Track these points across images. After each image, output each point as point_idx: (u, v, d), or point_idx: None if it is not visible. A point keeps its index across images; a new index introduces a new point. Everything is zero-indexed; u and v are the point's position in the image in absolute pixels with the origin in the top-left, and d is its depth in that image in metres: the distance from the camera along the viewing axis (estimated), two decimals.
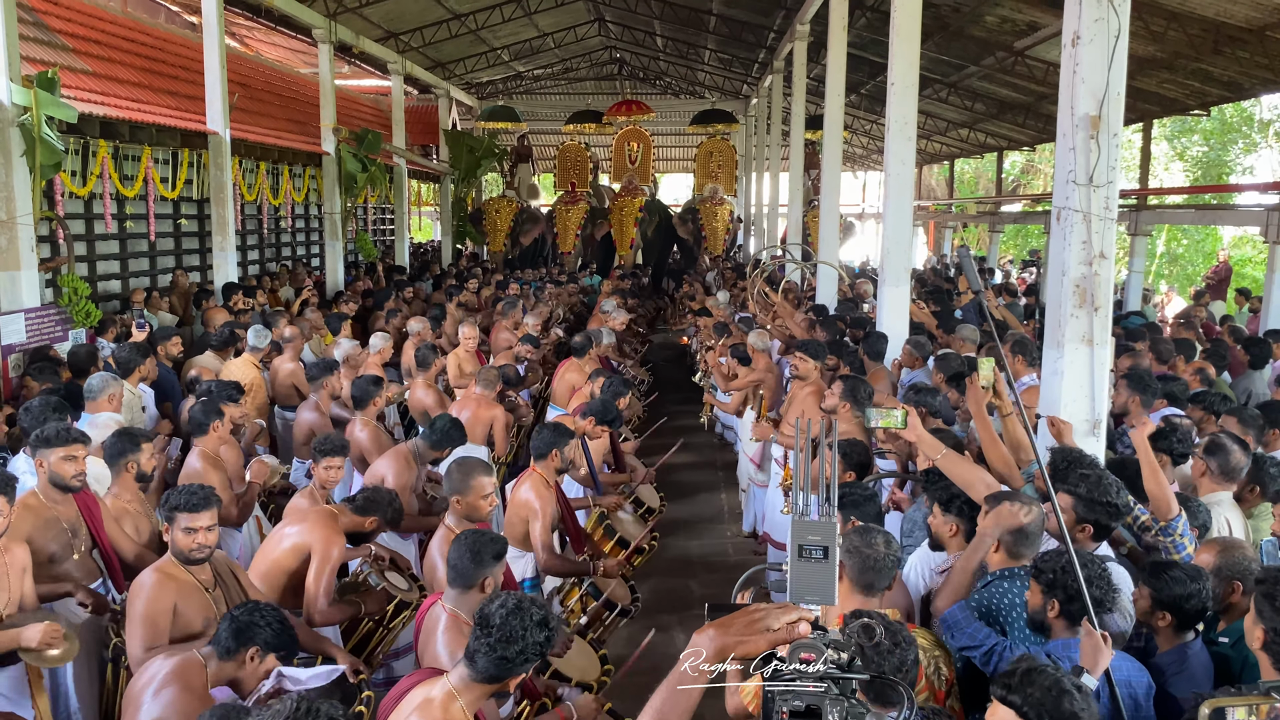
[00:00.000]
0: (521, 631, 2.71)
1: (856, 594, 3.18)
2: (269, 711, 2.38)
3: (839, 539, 1.70)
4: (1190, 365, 7.25)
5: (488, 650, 2.71)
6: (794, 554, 1.70)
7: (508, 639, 2.71)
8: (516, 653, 2.71)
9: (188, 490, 3.76)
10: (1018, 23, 13.49)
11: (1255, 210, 12.85)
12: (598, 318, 11.64)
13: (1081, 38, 4.51)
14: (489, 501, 4.44)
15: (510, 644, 2.70)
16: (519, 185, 23.81)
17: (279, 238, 17.54)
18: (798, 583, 1.69)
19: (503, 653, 2.70)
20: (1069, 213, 4.61)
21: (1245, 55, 11.48)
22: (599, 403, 6.28)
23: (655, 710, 1.65)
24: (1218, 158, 27.68)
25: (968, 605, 3.28)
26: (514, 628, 2.72)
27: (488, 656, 2.71)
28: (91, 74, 10.87)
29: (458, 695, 2.73)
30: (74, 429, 4.40)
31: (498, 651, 2.70)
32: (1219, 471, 4.25)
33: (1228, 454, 4.23)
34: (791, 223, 17.15)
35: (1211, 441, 4.32)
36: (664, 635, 6.38)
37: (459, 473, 4.44)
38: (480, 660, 2.71)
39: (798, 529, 1.71)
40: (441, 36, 19.77)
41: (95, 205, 11.19)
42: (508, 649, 2.70)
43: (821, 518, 1.72)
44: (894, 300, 8.54)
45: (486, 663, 2.71)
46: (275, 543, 4.45)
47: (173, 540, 3.72)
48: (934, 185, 33.11)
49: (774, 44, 19.70)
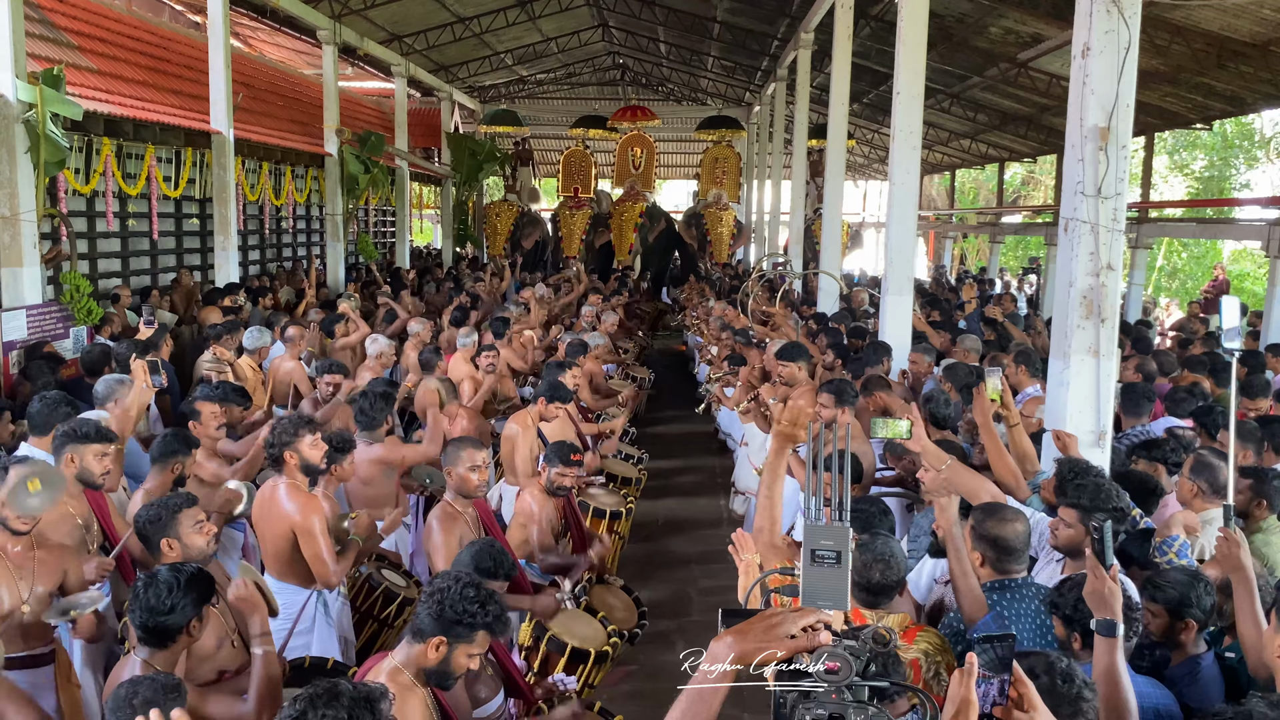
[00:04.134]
0: (457, 593, 2.92)
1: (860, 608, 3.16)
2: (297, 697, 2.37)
3: (851, 544, 1.69)
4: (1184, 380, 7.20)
5: (425, 607, 2.94)
6: (807, 558, 1.69)
7: (440, 595, 2.93)
8: (450, 608, 2.90)
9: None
10: (1021, 34, 13.53)
11: (1256, 225, 12.89)
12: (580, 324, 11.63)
13: (1091, 49, 4.52)
14: (478, 475, 4.58)
15: (443, 600, 2.91)
16: (520, 189, 23.82)
17: (280, 238, 17.54)
18: (810, 587, 1.68)
19: (437, 608, 2.91)
20: (1077, 224, 4.61)
21: (1248, 70, 11.52)
22: (546, 383, 6.46)
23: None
24: (1219, 172, 27.75)
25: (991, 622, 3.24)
26: (449, 587, 2.95)
27: (424, 610, 2.93)
28: (96, 72, 10.87)
29: (403, 669, 2.93)
30: (106, 427, 4.38)
31: (431, 604, 2.93)
32: (1208, 489, 4.24)
33: (1214, 471, 4.22)
34: (793, 231, 17.16)
35: (1196, 460, 4.31)
36: (663, 640, 6.39)
37: (451, 447, 4.64)
38: (420, 618, 2.95)
39: (810, 534, 1.70)
40: (445, 40, 19.79)
41: (98, 203, 11.17)
42: (443, 606, 2.90)
43: (835, 522, 1.71)
44: (897, 309, 8.53)
45: (423, 616, 2.93)
46: (266, 535, 4.48)
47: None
48: (935, 195, 33.15)
49: (778, 52, 19.73)
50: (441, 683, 3.02)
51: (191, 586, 3.08)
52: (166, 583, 3.04)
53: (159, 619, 3.01)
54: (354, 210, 16.59)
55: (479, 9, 18.95)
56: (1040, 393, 6.10)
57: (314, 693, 2.33)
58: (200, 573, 3.18)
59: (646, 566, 7.72)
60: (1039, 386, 6.28)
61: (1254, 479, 4.41)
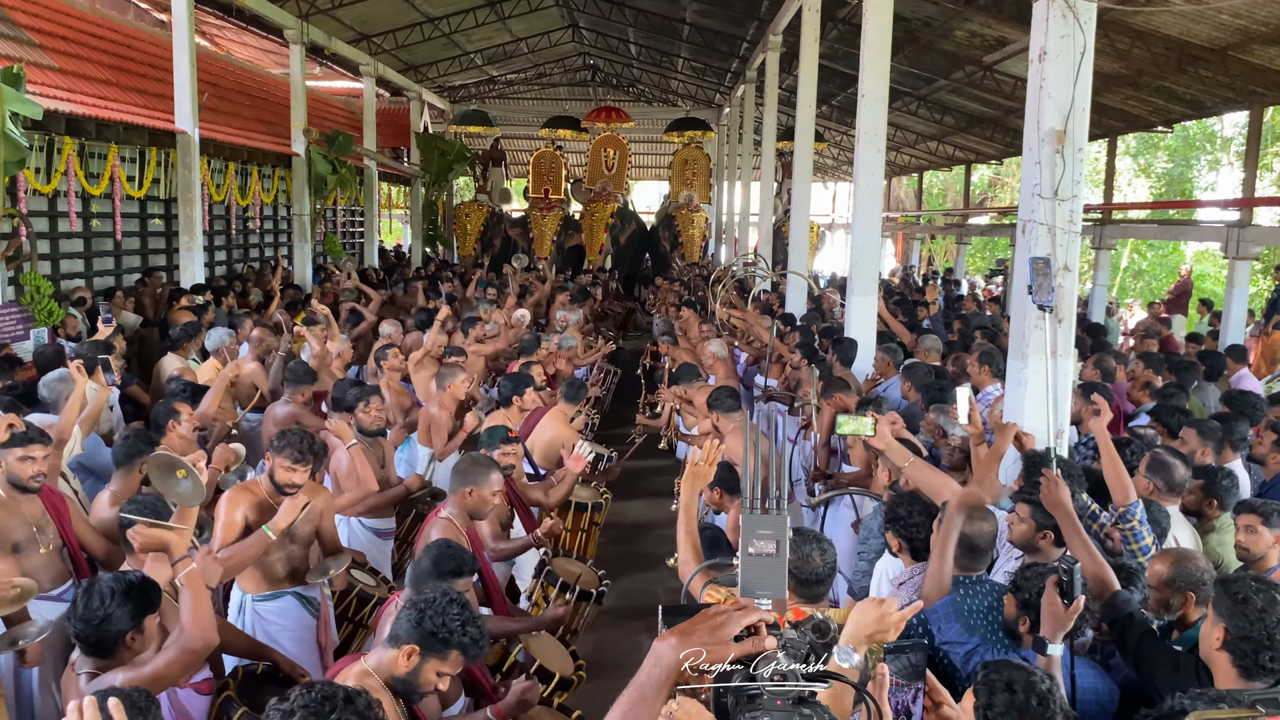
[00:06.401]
0: (442, 606, 2.91)
1: (799, 603, 3.19)
2: (295, 698, 2.35)
3: (789, 533, 1.69)
4: (1139, 379, 7.26)
5: (405, 614, 2.93)
6: (744, 549, 1.69)
7: (423, 606, 2.91)
8: (430, 619, 2.88)
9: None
10: (986, 38, 13.67)
11: (1216, 226, 13.10)
12: (552, 325, 11.64)
13: (1048, 53, 4.59)
14: (499, 498, 4.57)
15: (425, 610, 2.90)
16: (491, 190, 23.75)
17: (247, 239, 17.38)
18: (748, 578, 1.67)
19: (417, 616, 2.89)
20: (1034, 225, 4.67)
21: (1208, 74, 11.70)
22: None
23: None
24: (1181, 174, 28.15)
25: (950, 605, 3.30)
26: (434, 599, 2.93)
27: (404, 616, 2.92)
28: (58, 70, 10.73)
29: (373, 674, 2.91)
30: (31, 428, 4.33)
31: (412, 611, 2.91)
32: (1165, 488, 4.31)
33: (1171, 469, 4.29)
34: (762, 233, 17.23)
35: (1153, 459, 4.37)
36: (631, 639, 6.40)
37: (479, 468, 4.49)
38: (399, 624, 2.92)
39: (748, 524, 1.69)
40: (414, 39, 19.70)
41: (60, 203, 11.03)
42: (423, 615, 2.89)
43: (771, 513, 1.71)
44: (862, 310, 8.60)
45: (403, 622, 2.91)
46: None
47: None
48: (903, 197, 33.41)
49: (746, 54, 19.81)
50: (408, 695, 2.96)
51: (130, 596, 3.00)
52: (103, 592, 2.97)
53: (94, 629, 2.95)
54: (322, 211, 16.48)
55: (448, 9, 18.89)
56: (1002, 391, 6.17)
57: (323, 694, 2.34)
58: (144, 581, 3.09)
59: (615, 566, 7.72)
60: (999, 386, 6.35)
61: (1204, 479, 4.48)
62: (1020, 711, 2.46)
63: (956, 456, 5.01)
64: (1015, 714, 2.46)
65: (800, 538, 3.22)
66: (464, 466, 4.50)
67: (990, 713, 2.50)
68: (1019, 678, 2.52)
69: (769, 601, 1.63)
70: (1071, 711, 2.58)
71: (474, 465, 4.50)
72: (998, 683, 2.53)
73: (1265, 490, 5.28)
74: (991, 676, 2.56)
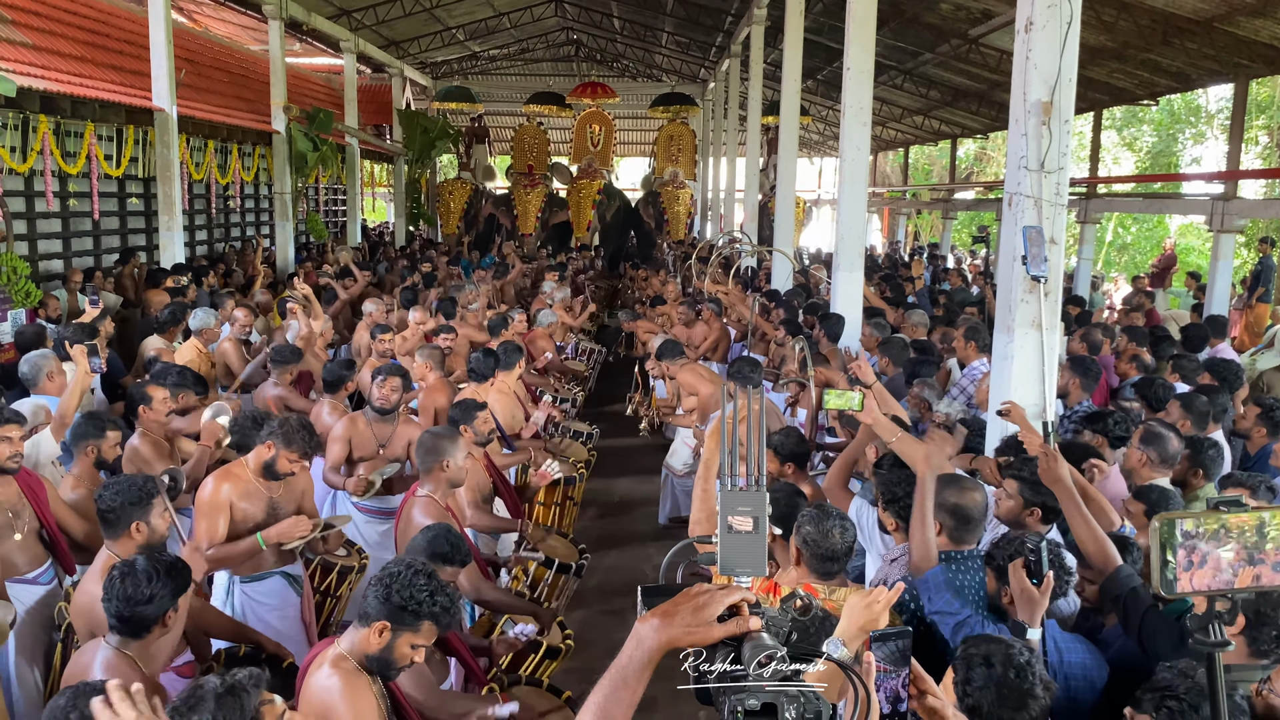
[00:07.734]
0: (408, 579, 2.91)
1: (813, 579, 3.19)
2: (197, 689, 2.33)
3: (768, 509, 1.67)
4: (1126, 352, 7.28)
5: (373, 590, 2.93)
6: (723, 526, 1.65)
7: (390, 580, 2.91)
8: (398, 593, 2.88)
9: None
10: (972, 10, 13.60)
11: (1200, 199, 13.12)
12: (539, 300, 11.60)
13: (1035, 24, 4.54)
14: (469, 460, 4.62)
15: (391, 584, 2.90)
16: (475, 167, 23.55)
17: (228, 218, 17.20)
18: (727, 555, 1.64)
19: (384, 591, 2.89)
20: (1020, 198, 4.65)
21: (1193, 46, 11.68)
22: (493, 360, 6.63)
23: (598, 706, 1.53)
24: (1166, 147, 28.17)
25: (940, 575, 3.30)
26: (399, 573, 2.93)
27: (372, 593, 2.92)
28: (32, 47, 10.53)
29: (348, 655, 2.91)
30: (6, 409, 4.26)
31: (379, 587, 2.91)
32: (1157, 460, 4.33)
33: (1165, 441, 4.31)
34: (748, 209, 17.16)
35: (1147, 431, 4.40)
36: (617, 619, 6.40)
37: (439, 440, 4.46)
38: (368, 602, 2.93)
39: (727, 500, 1.66)
40: (395, 15, 19.45)
41: (36, 182, 10.87)
42: (390, 590, 2.88)
43: (750, 488, 1.67)
44: (848, 285, 8.58)
45: (371, 599, 2.91)
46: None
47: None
48: (889, 172, 33.35)
49: (731, 28, 19.66)
50: (384, 672, 2.95)
51: (171, 576, 3.01)
52: (145, 572, 2.97)
53: (135, 609, 2.94)
54: (303, 189, 16.31)
55: None
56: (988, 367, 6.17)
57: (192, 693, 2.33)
58: (178, 562, 3.11)
59: (601, 543, 7.73)
60: (986, 361, 6.35)
61: (1191, 449, 4.50)
62: (999, 684, 2.48)
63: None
64: (994, 687, 2.48)
65: (822, 513, 3.22)
66: (429, 443, 4.47)
67: (969, 688, 2.52)
68: (997, 651, 2.53)
69: (749, 579, 1.60)
70: (1052, 683, 2.59)
71: (438, 439, 4.48)
72: (975, 657, 2.54)
73: (1250, 465, 5.31)
74: (970, 651, 2.58)
